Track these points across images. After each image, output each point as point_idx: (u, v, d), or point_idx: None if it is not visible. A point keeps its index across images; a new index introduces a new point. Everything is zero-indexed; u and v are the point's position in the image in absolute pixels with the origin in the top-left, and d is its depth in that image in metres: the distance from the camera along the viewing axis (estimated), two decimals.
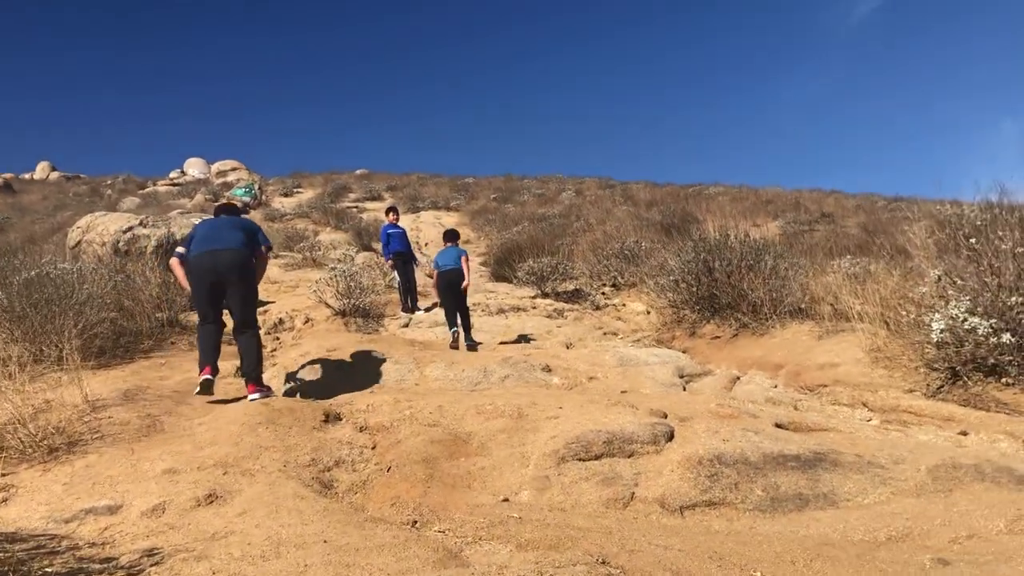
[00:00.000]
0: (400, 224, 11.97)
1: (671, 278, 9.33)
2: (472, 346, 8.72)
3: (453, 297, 9.03)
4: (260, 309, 6.78)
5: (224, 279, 5.77)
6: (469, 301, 9.74)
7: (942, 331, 5.55)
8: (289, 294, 11.52)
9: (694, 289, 9.01)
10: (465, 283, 9.10)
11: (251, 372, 5.79)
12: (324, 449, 4.54)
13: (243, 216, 6.57)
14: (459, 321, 8.90)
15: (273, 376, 6.57)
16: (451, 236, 10.01)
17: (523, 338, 9.55)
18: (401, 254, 11.39)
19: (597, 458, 4.35)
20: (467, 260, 9.39)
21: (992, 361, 5.47)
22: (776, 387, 6.85)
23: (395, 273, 11.26)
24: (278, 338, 8.86)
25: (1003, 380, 5.44)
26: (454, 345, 8.61)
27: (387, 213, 12.01)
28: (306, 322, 9.72)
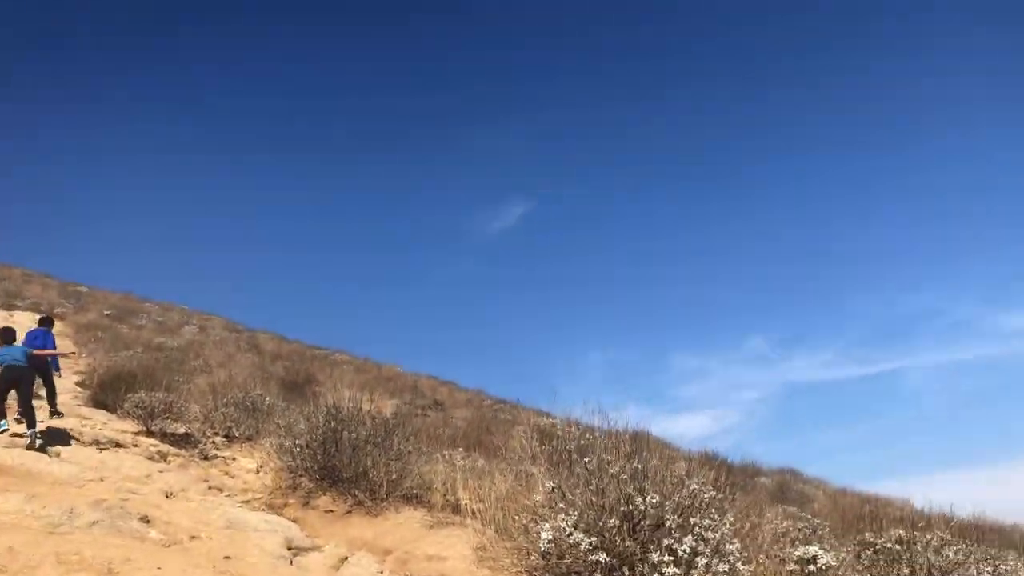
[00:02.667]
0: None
1: (298, 441, 9.03)
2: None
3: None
4: None
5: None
6: (62, 423, 10.04)
7: (549, 541, 6.03)
8: None
9: (318, 457, 8.80)
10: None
11: None
12: None
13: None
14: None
15: None
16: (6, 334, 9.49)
17: None
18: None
19: None
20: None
21: None
22: (382, 573, 6.82)
23: None
24: None
25: None
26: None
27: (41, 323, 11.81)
28: None
